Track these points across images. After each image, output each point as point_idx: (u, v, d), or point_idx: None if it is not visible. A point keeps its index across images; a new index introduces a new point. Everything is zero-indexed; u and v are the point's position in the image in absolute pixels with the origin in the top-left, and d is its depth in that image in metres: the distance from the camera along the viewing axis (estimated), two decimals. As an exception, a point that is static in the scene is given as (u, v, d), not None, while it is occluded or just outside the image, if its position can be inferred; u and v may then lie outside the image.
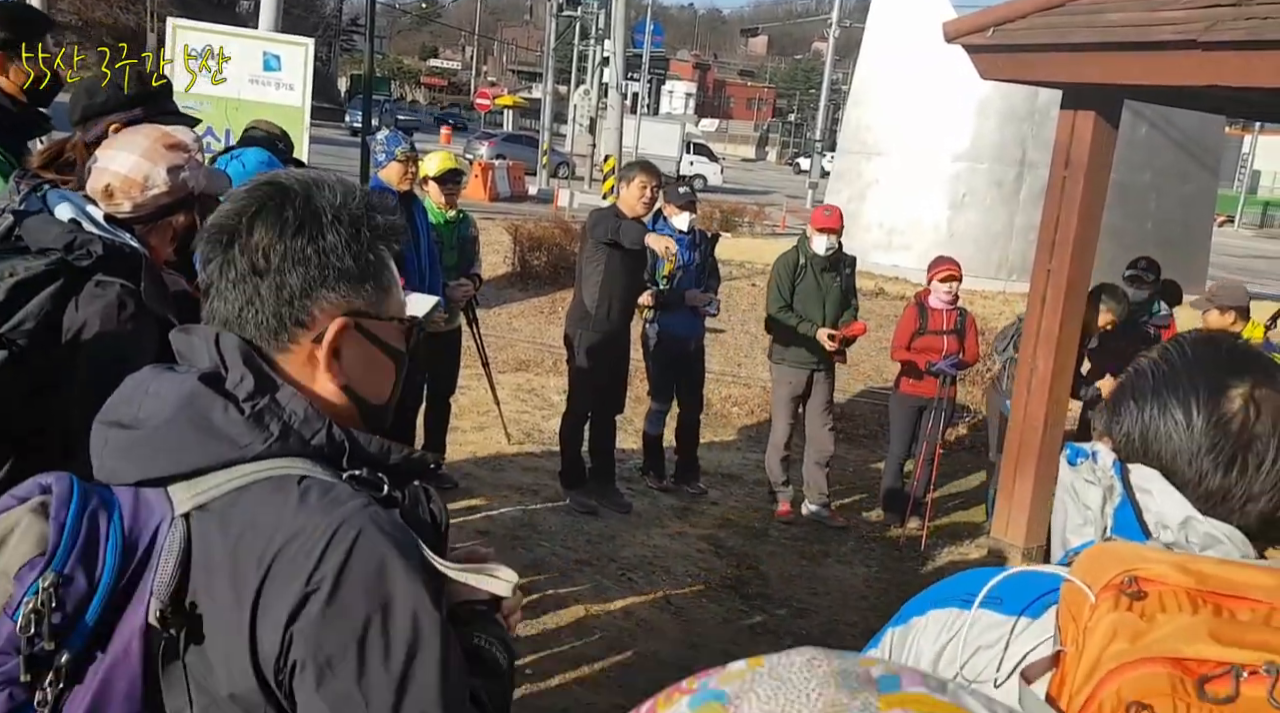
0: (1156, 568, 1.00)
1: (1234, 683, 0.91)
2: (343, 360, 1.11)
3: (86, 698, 0.97)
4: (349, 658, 0.95)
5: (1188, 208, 15.67)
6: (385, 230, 1.15)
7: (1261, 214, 46.35)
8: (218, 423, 1.02)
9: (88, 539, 0.99)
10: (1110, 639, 0.98)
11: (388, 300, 1.16)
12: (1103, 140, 4.91)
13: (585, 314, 5.33)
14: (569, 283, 10.35)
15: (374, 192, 1.23)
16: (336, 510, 0.99)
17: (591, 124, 26.66)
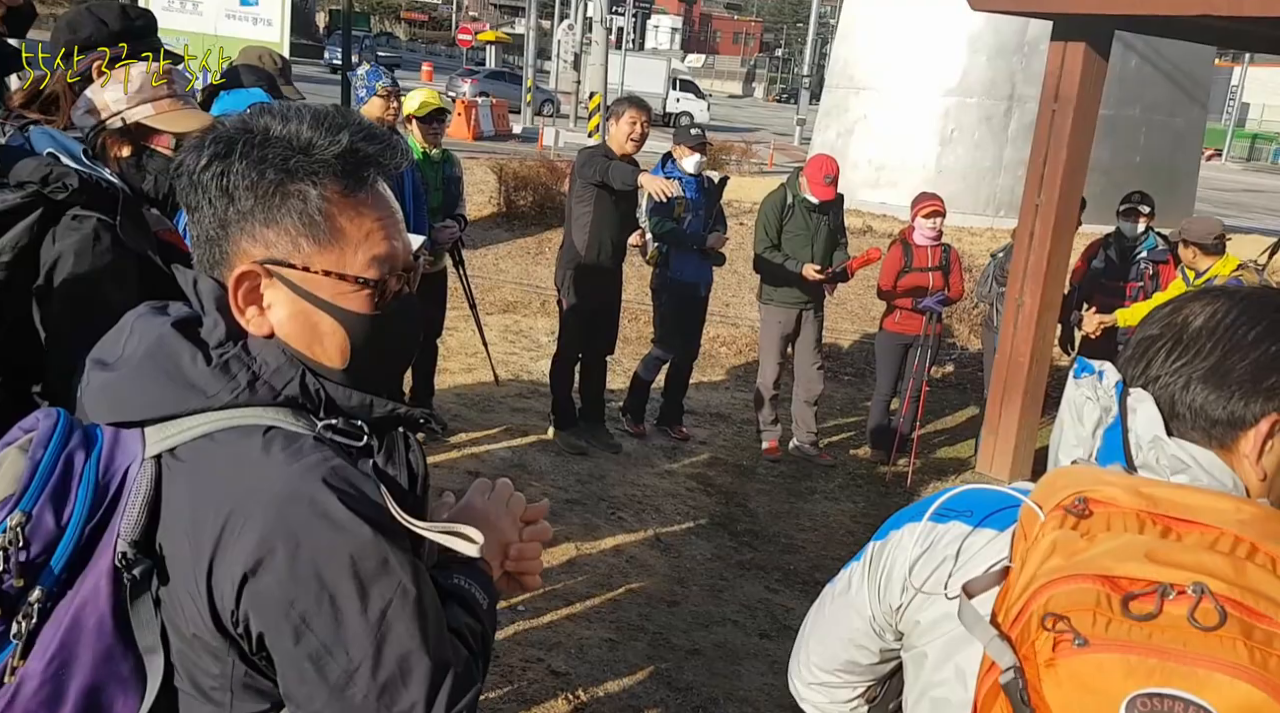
0: (1109, 490, 1.01)
1: (1159, 601, 0.92)
2: (270, 311, 1.06)
3: (59, 633, 0.98)
4: (324, 609, 0.95)
5: (1176, 142, 15.60)
6: (317, 168, 1.03)
7: (1250, 147, 46.16)
8: (186, 370, 1.01)
9: (60, 479, 1.00)
10: (1048, 556, 1.00)
11: (333, 252, 1.05)
12: (1092, 73, 4.86)
13: (575, 256, 5.29)
14: (555, 223, 10.29)
15: (336, 117, 1.07)
16: (295, 464, 0.97)
17: (576, 60, 26.19)
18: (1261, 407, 1.06)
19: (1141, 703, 0.91)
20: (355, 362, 1.09)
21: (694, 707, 3.36)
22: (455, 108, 20.24)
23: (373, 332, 1.08)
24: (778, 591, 4.25)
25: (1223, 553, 0.95)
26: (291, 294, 1.05)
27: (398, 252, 1.10)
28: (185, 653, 1.01)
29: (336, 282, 1.05)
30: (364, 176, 1.06)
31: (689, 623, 3.90)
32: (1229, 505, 0.99)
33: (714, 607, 4.06)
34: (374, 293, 1.07)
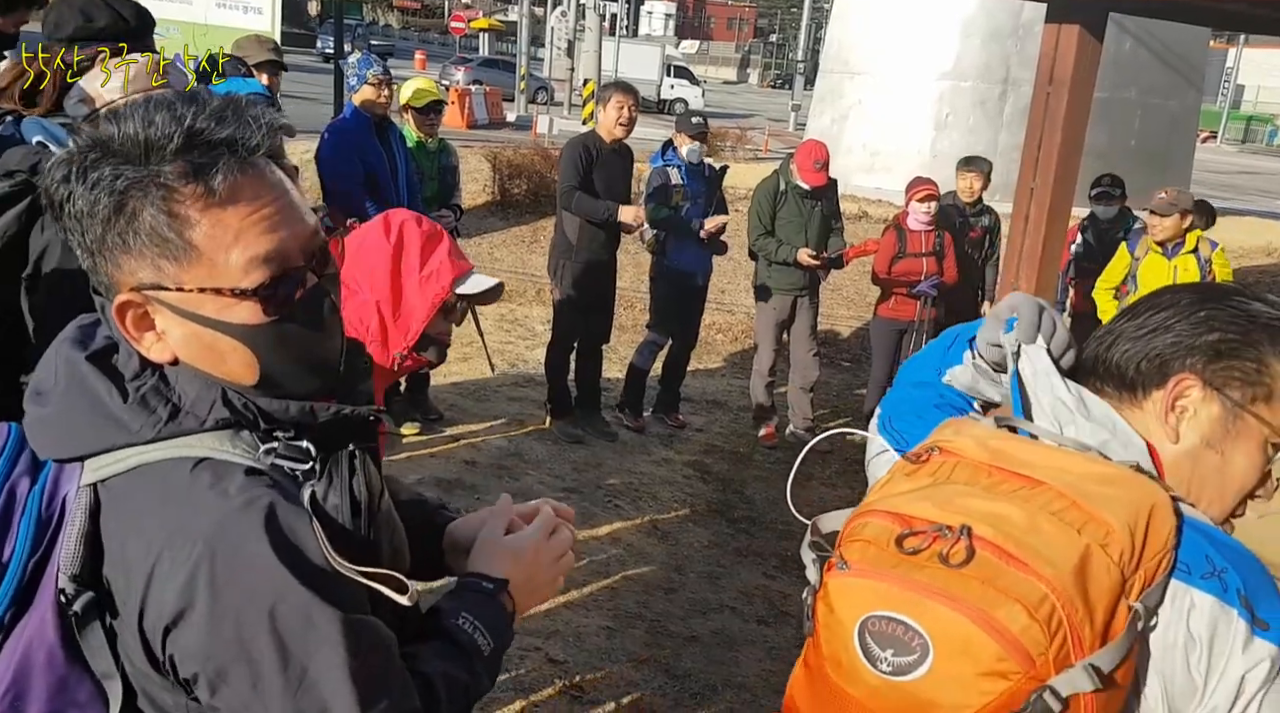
0: (961, 441, 1.08)
1: (929, 539, 0.98)
2: (169, 337, 0.98)
3: (10, 668, 0.95)
4: (239, 667, 0.91)
5: (1171, 124, 15.58)
6: (156, 173, 0.91)
7: (1245, 130, 46.12)
8: (106, 406, 0.96)
9: (3, 513, 0.96)
10: (874, 492, 1.10)
11: (201, 266, 0.94)
12: (1087, 55, 4.83)
13: (568, 245, 5.27)
14: (550, 211, 10.24)
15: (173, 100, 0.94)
16: (221, 509, 0.92)
17: (569, 47, 26.08)
18: (1175, 365, 1.07)
19: (872, 624, 0.99)
20: (268, 375, 0.99)
21: (692, 694, 3.37)
22: (449, 96, 20.15)
23: (277, 339, 0.98)
24: (775, 577, 4.26)
25: (1028, 505, 0.98)
26: (177, 317, 0.96)
27: (286, 242, 0.97)
28: (142, 682, 0.96)
29: (214, 297, 0.94)
30: (215, 168, 0.92)
31: (687, 610, 3.91)
32: (1077, 465, 1.02)
33: (711, 594, 4.06)
34: (263, 301, 0.96)
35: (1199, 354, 1.06)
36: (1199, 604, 0.96)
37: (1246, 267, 11.91)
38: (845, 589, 1.02)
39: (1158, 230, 5.29)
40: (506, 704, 3.16)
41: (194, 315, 0.95)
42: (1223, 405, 1.06)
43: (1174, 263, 5.29)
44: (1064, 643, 0.92)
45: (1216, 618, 0.95)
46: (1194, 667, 0.96)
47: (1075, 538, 0.95)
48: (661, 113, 31.46)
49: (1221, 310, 1.08)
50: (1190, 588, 0.96)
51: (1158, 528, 0.96)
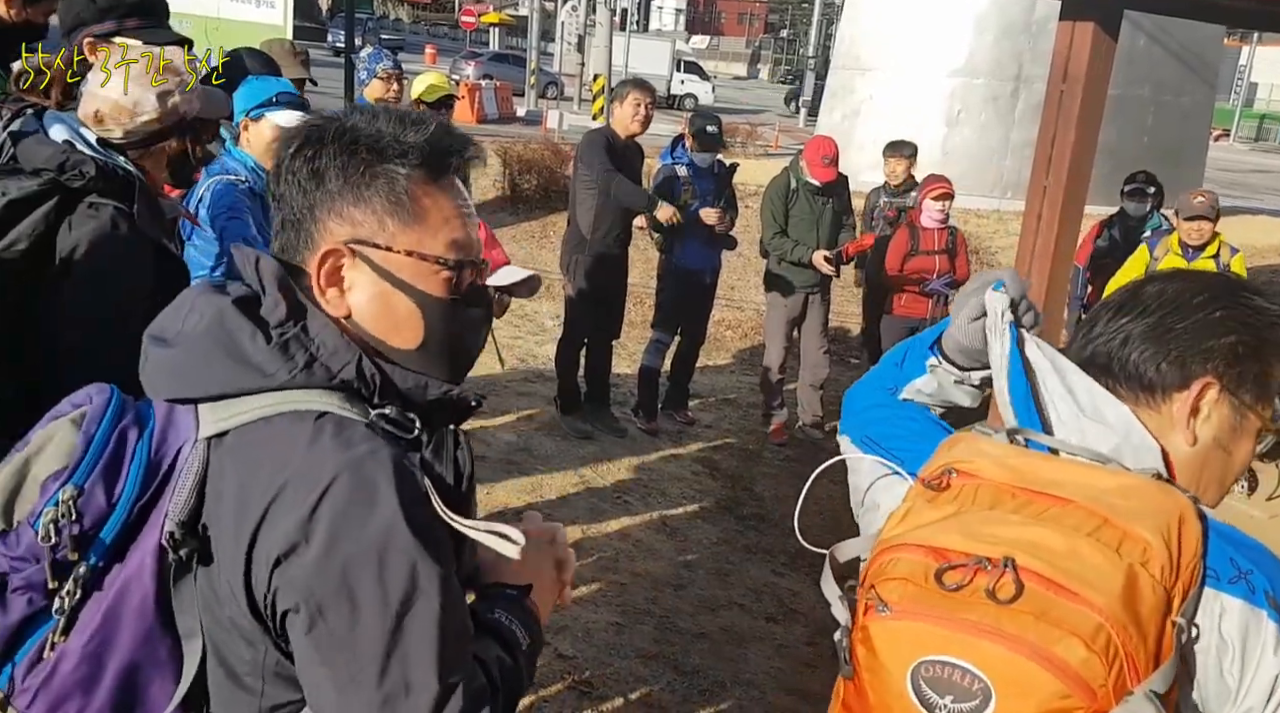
0: (979, 462, 1.04)
1: (972, 573, 0.94)
2: (350, 292, 1.07)
3: (101, 609, 0.99)
4: (341, 605, 0.93)
5: (1184, 122, 15.47)
6: (405, 150, 1.06)
7: (1258, 127, 45.81)
8: (245, 349, 1.01)
9: (113, 456, 1.01)
10: (896, 523, 1.04)
11: (415, 232, 1.06)
12: (1102, 52, 4.79)
13: (581, 240, 5.27)
14: (560, 207, 10.25)
15: (419, 115, 1.11)
16: (344, 455, 0.96)
17: (580, 42, 26.05)
18: (1196, 369, 1.05)
19: (926, 669, 0.95)
20: (426, 345, 1.09)
21: (700, 690, 3.37)
22: (459, 91, 20.15)
23: (447, 317, 1.10)
24: (784, 574, 4.25)
25: (1063, 528, 0.95)
26: (373, 275, 1.06)
27: (474, 241, 1.12)
28: (221, 638, 1.00)
29: (417, 263, 1.07)
30: (446, 164, 1.09)
31: (695, 607, 3.91)
32: (1101, 479, 0.99)
33: (720, 590, 4.06)
34: (452, 277, 1.09)
35: (1218, 357, 1.05)
36: (1229, 609, 0.95)
37: (1259, 266, 11.85)
38: (890, 634, 0.98)
39: (1195, 234, 5.22)
40: (515, 699, 3.16)
41: (391, 276, 1.06)
42: (1233, 406, 1.07)
43: (1194, 267, 5.26)
44: (1121, 671, 0.90)
45: (1247, 621, 0.95)
46: (1227, 671, 0.95)
47: (1117, 560, 0.92)
48: (671, 108, 31.40)
49: (1235, 310, 1.07)
50: (1220, 593, 0.96)
51: (1188, 538, 0.95)
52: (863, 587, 1.02)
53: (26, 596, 1.00)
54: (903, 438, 1.20)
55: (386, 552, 0.94)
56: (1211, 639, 0.95)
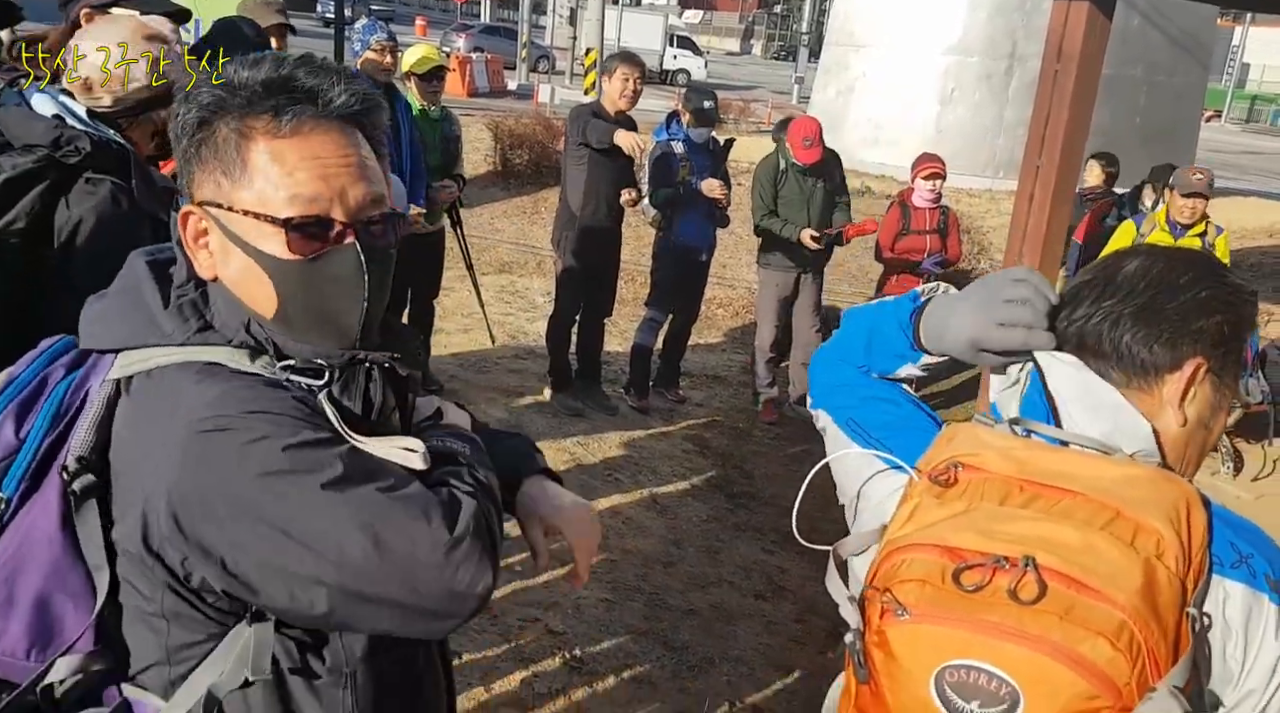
0: (985, 455, 1.02)
1: (990, 573, 0.92)
2: (215, 255, 1.07)
3: (12, 544, 1.02)
4: (260, 530, 0.95)
5: (1177, 103, 15.47)
6: (238, 99, 1.01)
7: (1249, 109, 45.81)
8: (149, 307, 1.06)
9: (30, 395, 1.06)
10: (904, 521, 1.02)
11: (251, 189, 1.01)
12: (1096, 31, 4.78)
13: (571, 216, 5.25)
14: (552, 182, 10.21)
15: (270, 55, 1.05)
16: (213, 391, 0.99)
17: (572, 15, 25.83)
18: (1186, 350, 1.05)
19: (950, 674, 0.93)
20: (284, 312, 1.05)
21: (689, 666, 3.40)
22: (450, 63, 19.97)
23: (298, 278, 1.03)
24: (773, 552, 4.28)
25: (1076, 522, 0.94)
26: (222, 237, 1.05)
27: (332, 194, 1.02)
28: (127, 573, 1.03)
29: (258, 223, 1.02)
30: (290, 109, 1.01)
31: (685, 584, 3.93)
32: (1108, 470, 0.98)
33: (710, 568, 4.09)
34: (295, 236, 1.01)
35: (1206, 338, 1.05)
36: (1231, 594, 0.96)
37: (1249, 247, 11.88)
38: (911, 638, 0.96)
39: (1188, 212, 5.22)
40: (506, 675, 3.18)
41: (235, 236, 1.03)
42: (1214, 385, 1.07)
43: (1180, 244, 5.27)
44: (1144, 667, 0.89)
45: (1249, 605, 0.95)
46: (1230, 655, 0.96)
47: (1133, 554, 0.92)
48: (664, 83, 31.22)
49: (1218, 289, 1.07)
50: (1223, 579, 0.96)
51: (1197, 526, 0.95)
52: (874, 588, 1.00)
53: None
54: (891, 427, 1.19)
55: (271, 464, 0.95)
56: (1216, 625, 0.95)
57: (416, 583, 0.96)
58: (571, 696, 3.16)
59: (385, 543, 0.95)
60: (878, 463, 1.16)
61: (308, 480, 0.94)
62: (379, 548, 0.95)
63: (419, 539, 0.96)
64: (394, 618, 0.98)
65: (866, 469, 1.19)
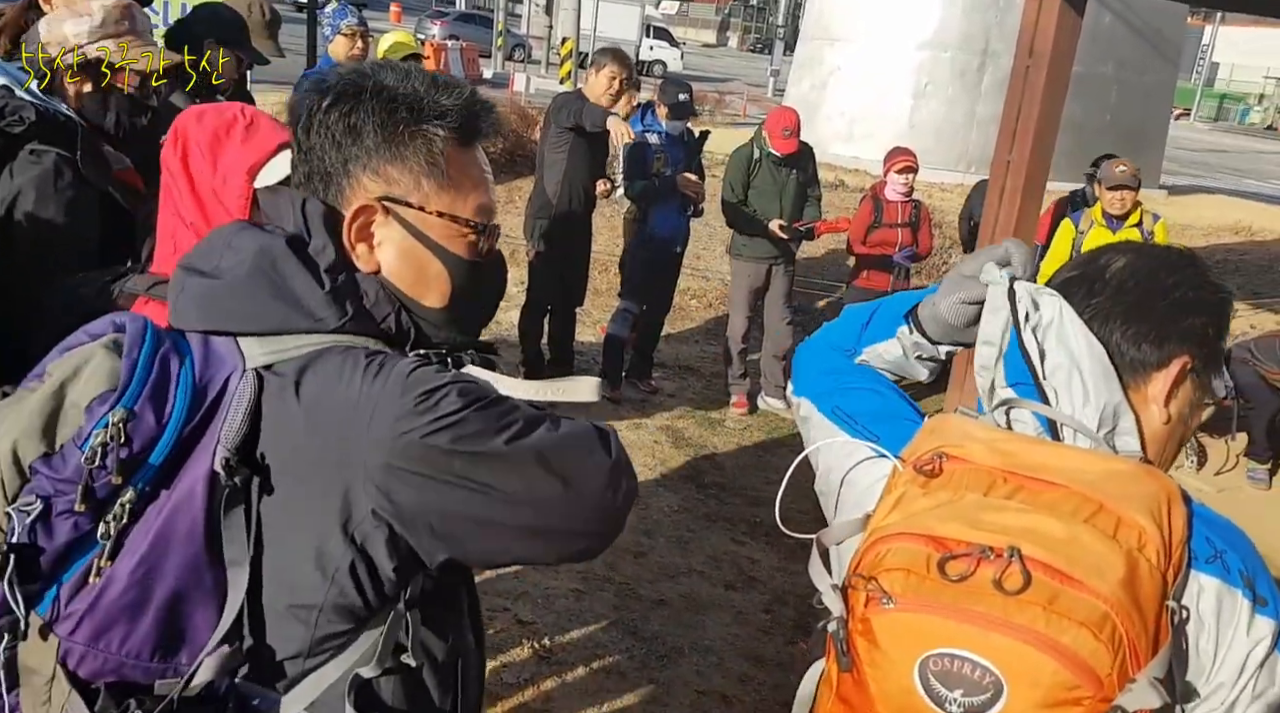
0: (970, 446, 1.02)
1: (975, 563, 0.93)
2: (380, 248, 1.10)
3: (149, 536, 0.98)
4: (467, 480, 0.99)
5: (1146, 100, 15.65)
6: (443, 112, 1.09)
7: (1218, 107, 46.45)
8: (298, 291, 1.03)
9: (159, 380, 1.00)
10: (890, 510, 1.02)
11: (448, 195, 1.11)
12: (1067, 28, 4.83)
13: (546, 203, 5.23)
14: (526, 172, 10.14)
15: (451, 79, 1.15)
16: (397, 371, 1.01)
17: (548, 4, 25.71)
18: (1174, 348, 1.06)
19: (934, 662, 0.93)
20: (454, 303, 1.14)
21: (659, 656, 3.41)
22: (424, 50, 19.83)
23: (472, 277, 1.14)
24: (744, 543, 4.29)
25: (1060, 514, 0.95)
26: (404, 233, 1.10)
27: (494, 207, 1.17)
28: (284, 566, 1.01)
29: (448, 224, 1.11)
30: (477, 129, 1.14)
31: (655, 574, 3.94)
32: (1091, 464, 0.99)
33: (680, 558, 4.10)
34: (479, 239, 1.14)
35: (1192, 337, 1.07)
36: (1206, 588, 0.97)
37: (1214, 243, 12.06)
38: (895, 626, 0.96)
39: (1117, 203, 5.33)
40: (475, 665, 3.18)
41: (422, 235, 1.10)
42: (1195, 383, 1.09)
43: (1119, 236, 5.34)
44: (1124, 658, 0.90)
45: (1222, 599, 0.97)
46: (1203, 649, 0.97)
47: (1115, 546, 0.92)
48: (641, 73, 31.15)
49: (1203, 290, 1.09)
50: (1198, 574, 0.97)
51: (1177, 521, 0.96)
52: (858, 576, 1.00)
53: (72, 520, 0.97)
54: (878, 416, 1.18)
55: (472, 425, 0.99)
56: (1191, 618, 0.96)
57: (593, 509, 1.04)
58: (540, 686, 3.16)
59: (571, 478, 1.02)
60: (863, 451, 1.17)
61: (496, 439, 0.99)
62: (567, 485, 1.01)
63: (594, 469, 1.04)
64: (571, 546, 1.07)
65: (851, 458, 1.19)
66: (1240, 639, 0.96)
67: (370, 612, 1.04)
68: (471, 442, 0.98)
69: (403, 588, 1.05)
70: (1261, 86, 46.46)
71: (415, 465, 0.98)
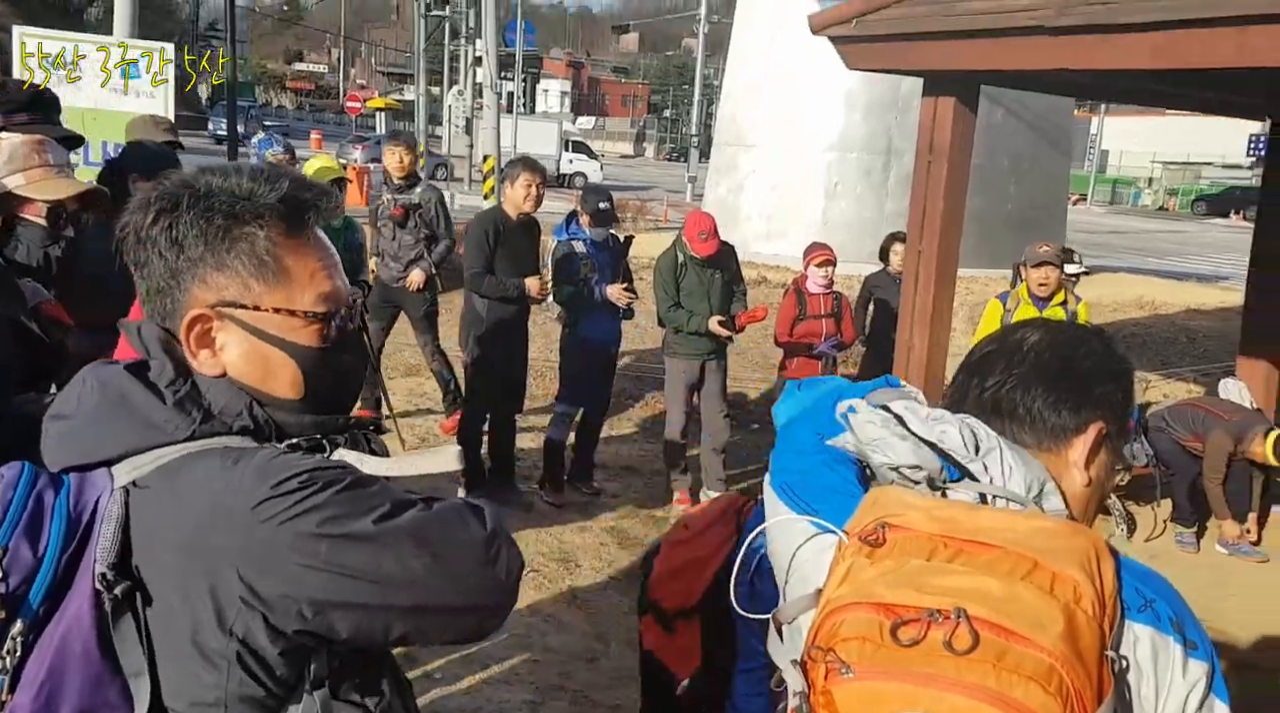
0: (910, 515, 1.06)
1: (925, 627, 0.96)
2: (223, 351, 1.12)
3: (45, 664, 1.00)
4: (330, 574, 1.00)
5: (1044, 189, 16.53)
6: (262, 210, 1.10)
7: (1111, 192, 49.17)
8: (143, 410, 1.07)
9: (33, 515, 1.03)
10: (840, 582, 1.05)
11: (282, 290, 1.11)
12: (963, 125, 5.15)
13: (478, 317, 5.30)
14: (455, 284, 10.23)
15: (273, 169, 1.16)
16: (251, 465, 1.03)
17: (468, 124, 26.34)
18: (1090, 414, 1.13)
19: None
20: (309, 392, 1.15)
21: (620, 762, 3.34)
22: (348, 174, 20.03)
23: (323, 363, 1.15)
24: (696, 639, 4.26)
25: (999, 574, 0.98)
26: (244, 333, 1.11)
27: (341, 290, 1.17)
28: (178, 669, 1.02)
29: (286, 318, 1.12)
30: (305, 219, 1.14)
31: (610, 679, 3.88)
32: (1021, 524, 1.03)
33: (634, 661, 4.03)
34: (323, 327, 1.14)
35: (1104, 403, 1.15)
36: (1140, 636, 1.02)
37: (1121, 319, 12.62)
38: (856, 696, 0.98)
39: (1042, 283, 5.56)
40: (431, 786, 3.08)
41: (263, 332, 1.11)
42: (1108, 448, 1.16)
43: (1044, 315, 5.58)
44: (1072, 709, 0.93)
45: (1157, 647, 1.02)
46: (1144, 695, 1.01)
47: (1053, 601, 0.97)
48: (562, 186, 31.87)
49: (1111, 360, 1.18)
50: (1132, 623, 1.02)
51: (1107, 572, 1.01)
52: (816, 649, 1.03)
53: None
54: (824, 491, 1.22)
55: (333, 512, 1.01)
56: (1131, 667, 1.01)
57: (473, 583, 1.06)
58: (500, 802, 3.07)
59: (443, 554, 1.04)
60: (809, 528, 1.19)
61: (363, 520, 1.01)
62: (439, 560, 1.03)
63: (466, 544, 1.06)
64: (457, 623, 1.09)
65: (798, 534, 1.21)
66: (1178, 683, 1.01)
67: (278, 699, 1.05)
68: (337, 525, 1.00)
69: (301, 671, 1.06)
70: (1150, 170, 49.40)
71: (279, 553, 0.99)
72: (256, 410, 1.11)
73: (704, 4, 33.76)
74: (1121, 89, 6.58)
